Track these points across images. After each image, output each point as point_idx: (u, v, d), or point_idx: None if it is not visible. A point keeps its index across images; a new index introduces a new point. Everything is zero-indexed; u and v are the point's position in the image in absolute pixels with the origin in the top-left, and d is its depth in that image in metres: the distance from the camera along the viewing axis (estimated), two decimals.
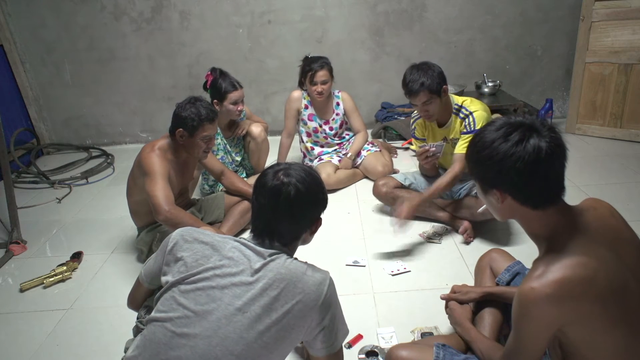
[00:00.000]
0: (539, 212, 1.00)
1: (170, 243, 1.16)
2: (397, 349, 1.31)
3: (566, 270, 0.92)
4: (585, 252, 0.95)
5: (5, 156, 2.60)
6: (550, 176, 0.98)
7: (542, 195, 0.99)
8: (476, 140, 1.04)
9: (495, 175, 1.00)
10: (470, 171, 1.10)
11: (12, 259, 2.42)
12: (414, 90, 2.10)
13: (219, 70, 2.64)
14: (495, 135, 0.99)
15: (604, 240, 0.99)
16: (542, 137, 0.95)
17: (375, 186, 2.56)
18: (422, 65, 2.14)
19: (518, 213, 1.03)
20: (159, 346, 1.03)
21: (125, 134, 4.18)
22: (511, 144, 0.96)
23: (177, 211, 1.92)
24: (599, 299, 0.92)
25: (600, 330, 0.95)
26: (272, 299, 1.04)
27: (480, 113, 2.17)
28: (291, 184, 1.12)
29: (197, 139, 2.04)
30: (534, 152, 0.94)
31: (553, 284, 0.91)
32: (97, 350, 1.74)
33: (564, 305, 0.92)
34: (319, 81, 2.82)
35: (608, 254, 0.97)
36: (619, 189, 2.71)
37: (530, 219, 1.03)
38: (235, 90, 2.61)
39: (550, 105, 3.66)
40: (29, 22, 3.75)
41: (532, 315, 0.94)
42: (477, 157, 1.03)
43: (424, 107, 2.15)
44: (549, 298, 0.91)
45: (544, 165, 0.95)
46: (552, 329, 0.96)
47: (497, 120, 1.03)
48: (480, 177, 1.06)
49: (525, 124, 0.98)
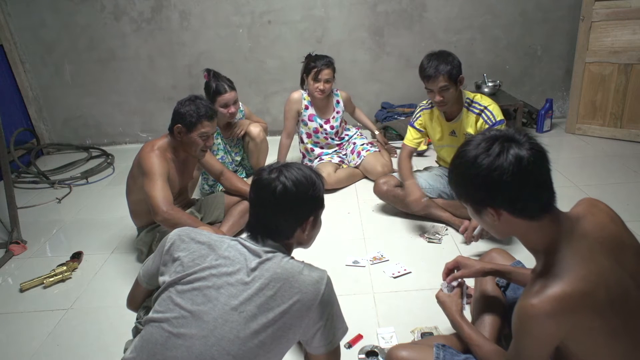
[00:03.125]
0: (535, 224, 0.99)
1: (168, 243, 1.16)
2: (397, 349, 1.31)
3: (565, 286, 0.91)
4: (584, 264, 0.94)
5: (5, 156, 2.60)
6: (540, 183, 0.97)
7: (536, 203, 0.98)
8: (457, 162, 1.04)
9: (486, 193, 1.00)
10: (459, 196, 1.08)
11: (12, 259, 2.42)
12: (433, 74, 2.09)
13: (212, 71, 2.61)
14: (476, 152, 0.99)
15: (603, 248, 0.97)
16: (521, 146, 0.96)
17: (376, 184, 2.57)
18: (442, 53, 2.14)
19: (515, 227, 1.02)
20: (156, 347, 1.03)
21: (125, 134, 4.18)
22: (493, 157, 0.96)
23: (175, 211, 1.92)
24: (598, 311, 0.92)
25: (601, 342, 0.94)
26: (268, 299, 1.04)
27: (494, 106, 2.20)
28: (279, 180, 1.12)
29: (195, 136, 2.04)
30: (516, 161, 0.94)
31: (553, 301, 0.90)
32: (97, 350, 1.74)
33: (564, 320, 0.91)
34: (323, 79, 2.83)
35: (607, 262, 0.96)
36: (619, 189, 2.71)
37: (527, 232, 1.02)
38: (224, 93, 2.57)
39: (550, 105, 3.66)
40: (29, 22, 3.75)
41: (533, 331, 0.94)
42: (463, 177, 1.03)
43: (440, 92, 2.13)
44: (549, 314, 0.90)
45: (530, 173, 0.95)
46: (552, 343, 0.96)
47: (474, 138, 1.03)
48: (470, 198, 1.05)
49: (502, 135, 0.99)
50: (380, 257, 2.18)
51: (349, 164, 3.10)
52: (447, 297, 1.40)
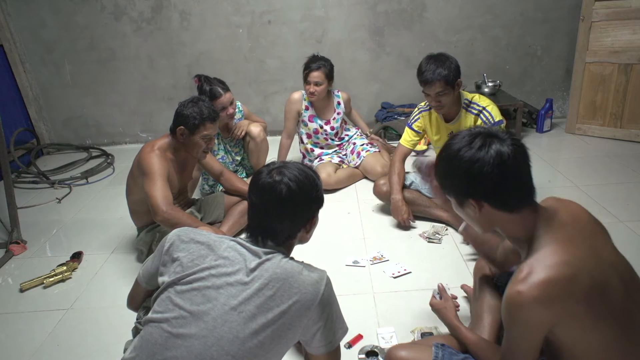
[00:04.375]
0: (516, 216, 1.03)
1: (167, 243, 1.16)
2: (397, 349, 1.31)
3: (550, 271, 0.93)
4: (566, 250, 0.96)
5: (5, 156, 2.60)
6: (520, 177, 1.01)
7: (517, 197, 1.02)
8: (443, 154, 1.08)
9: (467, 184, 1.04)
10: (443, 186, 1.12)
11: (12, 259, 2.42)
12: (430, 80, 2.08)
13: (202, 76, 2.59)
14: (460, 145, 1.03)
15: (582, 237, 1.01)
16: (503, 142, 1.01)
17: (376, 185, 2.57)
18: (439, 56, 2.13)
19: (496, 219, 1.05)
20: (155, 347, 1.03)
21: (125, 134, 4.18)
22: (475, 149, 1.01)
23: (175, 212, 1.92)
24: (583, 296, 0.93)
25: (588, 327, 0.95)
26: (268, 299, 1.04)
27: (493, 106, 2.20)
28: (283, 182, 1.11)
29: (198, 138, 2.04)
30: (497, 156, 0.99)
31: (539, 286, 0.92)
32: (97, 350, 1.74)
33: (551, 305, 0.93)
34: (312, 81, 2.82)
35: (588, 250, 0.98)
36: (619, 189, 2.70)
37: (508, 223, 1.05)
38: (220, 96, 2.54)
39: (550, 105, 3.66)
40: (29, 22, 3.76)
41: (522, 318, 0.95)
42: (446, 168, 1.08)
43: (437, 97, 2.13)
44: (537, 300, 0.92)
45: (511, 167, 0.99)
46: (543, 329, 0.96)
47: (460, 133, 1.08)
48: (453, 189, 1.09)
49: (485, 132, 1.03)
50: (380, 257, 2.18)
51: (349, 164, 3.10)
52: (441, 304, 1.47)
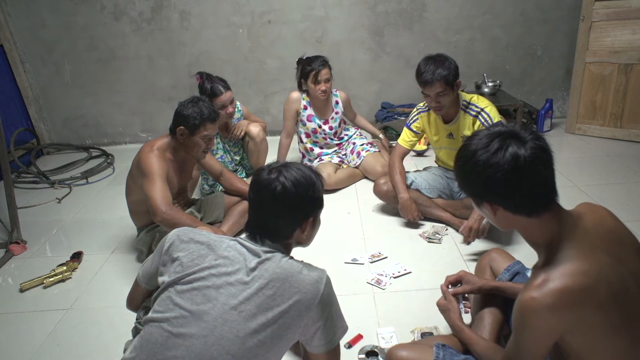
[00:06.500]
0: (535, 220, 0.98)
1: (167, 243, 1.16)
2: (397, 349, 1.30)
3: (567, 279, 0.91)
4: (585, 259, 0.93)
5: (5, 156, 2.60)
6: (536, 182, 0.96)
7: (533, 203, 0.97)
8: (461, 154, 1.04)
9: (481, 188, 1.00)
10: (459, 185, 1.09)
11: (12, 259, 2.42)
12: (430, 80, 2.08)
13: (204, 74, 2.59)
14: (477, 146, 0.99)
15: (604, 245, 0.97)
16: (522, 144, 0.94)
17: (376, 185, 2.57)
18: (438, 57, 2.12)
19: (513, 222, 1.02)
20: (156, 346, 1.03)
21: (125, 134, 4.18)
22: (491, 153, 0.96)
23: (174, 212, 1.92)
24: (600, 306, 0.91)
25: (602, 337, 0.94)
26: (268, 298, 1.04)
27: (491, 108, 2.19)
28: (279, 180, 1.12)
29: (198, 138, 2.04)
30: (512, 160, 0.94)
31: (554, 294, 0.90)
32: (97, 350, 1.74)
33: (565, 314, 0.91)
34: (322, 79, 2.82)
35: (609, 259, 0.95)
36: (619, 189, 2.71)
37: (527, 227, 1.01)
38: (221, 94, 2.54)
39: (550, 105, 3.66)
40: (29, 22, 3.76)
41: (533, 324, 0.93)
42: (462, 170, 1.04)
43: (436, 98, 2.13)
44: (550, 308, 0.90)
45: (526, 172, 0.94)
46: (553, 337, 0.95)
47: (480, 132, 1.03)
48: (469, 191, 1.06)
49: (506, 132, 0.97)
50: (379, 255, 2.19)
51: (349, 164, 3.10)
52: (448, 304, 1.43)
